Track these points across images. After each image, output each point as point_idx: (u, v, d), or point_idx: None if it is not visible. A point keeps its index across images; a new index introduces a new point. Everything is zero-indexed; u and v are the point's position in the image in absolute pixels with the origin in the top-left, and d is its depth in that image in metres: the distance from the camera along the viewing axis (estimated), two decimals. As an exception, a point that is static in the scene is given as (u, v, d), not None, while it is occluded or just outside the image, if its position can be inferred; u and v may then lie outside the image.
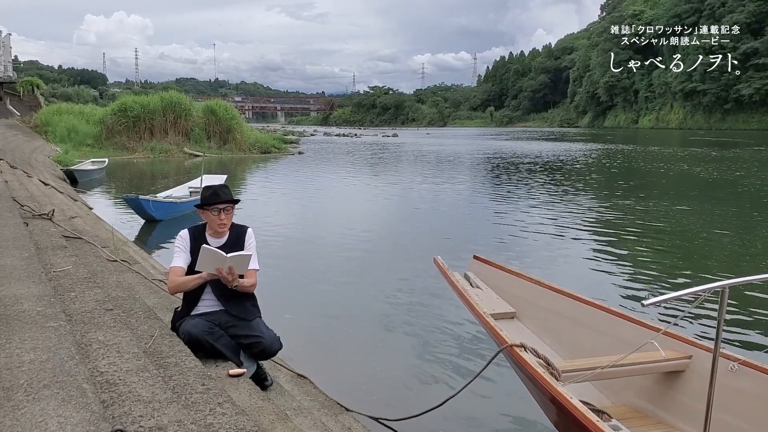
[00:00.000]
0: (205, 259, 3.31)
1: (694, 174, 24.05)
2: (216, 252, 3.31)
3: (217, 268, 3.34)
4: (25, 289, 3.34)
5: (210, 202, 3.49)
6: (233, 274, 3.36)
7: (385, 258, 9.57)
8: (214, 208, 3.49)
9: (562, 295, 4.18)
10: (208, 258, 3.31)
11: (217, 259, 3.31)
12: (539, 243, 10.51)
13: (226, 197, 3.52)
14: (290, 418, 3.12)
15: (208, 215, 3.52)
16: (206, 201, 3.51)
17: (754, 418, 3.00)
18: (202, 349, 3.34)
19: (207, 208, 3.50)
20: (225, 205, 3.51)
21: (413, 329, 6.17)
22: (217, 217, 3.49)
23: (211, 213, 3.50)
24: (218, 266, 3.33)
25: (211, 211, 3.49)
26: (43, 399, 2.05)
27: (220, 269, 3.34)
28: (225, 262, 3.31)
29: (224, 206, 3.51)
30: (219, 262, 3.32)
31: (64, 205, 9.39)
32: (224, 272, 3.34)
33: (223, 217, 3.51)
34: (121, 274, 5.02)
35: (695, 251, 10.16)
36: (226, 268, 3.33)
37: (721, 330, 2.69)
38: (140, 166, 26.41)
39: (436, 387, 4.77)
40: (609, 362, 3.19)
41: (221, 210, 3.50)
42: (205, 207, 3.51)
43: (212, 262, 3.32)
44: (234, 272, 3.36)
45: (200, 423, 2.26)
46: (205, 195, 3.55)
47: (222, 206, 3.50)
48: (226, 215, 3.52)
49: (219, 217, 3.50)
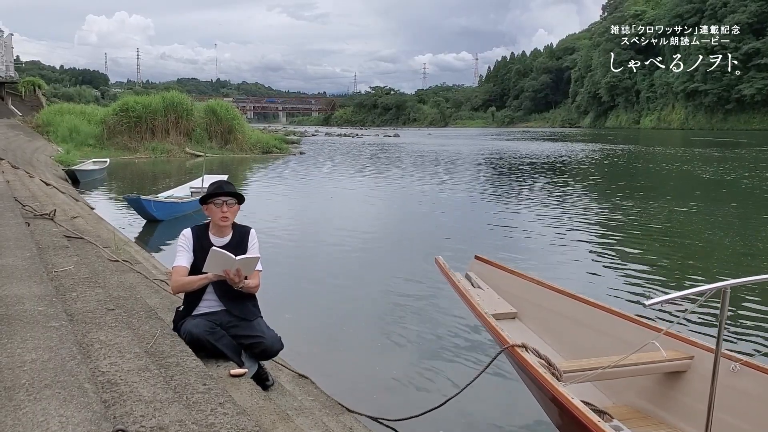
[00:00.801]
0: (213, 261, 3.31)
1: (695, 174, 24.03)
2: (225, 254, 3.31)
3: (225, 270, 3.35)
4: (27, 288, 3.35)
5: (214, 193, 3.52)
6: (240, 276, 3.37)
7: (387, 258, 9.57)
8: (217, 199, 3.50)
9: (564, 295, 4.18)
10: (216, 260, 3.31)
11: (226, 262, 3.32)
12: (541, 243, 10.51)
13: (228, 189, 3.55)
14: (291, 418, 3.12)
15: (211, 209, 3.53)
16: (210, 192, 3.53)
17: (755, 418, 3.00)
18: (203, 349, 3.35)
19: (210, 201, 3.51)
20: (228, 198, 3.52)
21: (414, 329, 6.17)
22: (219, 209, 3.49)
23: (214, 205, 3.51)
24: (226, 268, 3.34)
25: (215, 203, 3.50)
26: (45, 399, 2.05)
27: (227, 271, 3.35)
28: (234, 264, 3.32)
29: (227, 198, 3.51)
30: (228, 264, 3.33)
31: (65, 205, 9.40)
32: (231, 274, 3.35)
33: (225, 210, 3.50)
34: (123, 274, 5.02)
35: (697, 251, 10.15)
36: (234, 270, 3.34)
37: (723, 330, 2.69)
38: (141, 166, 26.43)
39: (437, 387, 4.76)
40: (610, 362, 3.19)
41: (224, 202, 3.50)
42: (209, 200, 3.52)
43: (221, 263, 3.33)
44: (241, 274, 3.37)
45: (201, 423, 2.26)
46: (210, 188, 3.58)
47: (225, 198, 3.51)
48: (228, 208, 3.52)
49: (221, 209, 3.49)
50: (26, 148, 21.57)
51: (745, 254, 9.67)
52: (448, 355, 5.46)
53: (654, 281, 8.02)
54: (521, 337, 3.65)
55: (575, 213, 13.70)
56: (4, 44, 38.44)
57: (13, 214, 5.99)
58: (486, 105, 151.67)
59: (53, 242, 5.12)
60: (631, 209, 14.09)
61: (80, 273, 4.11)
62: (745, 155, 34.57)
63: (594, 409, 2.80)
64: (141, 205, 11.69)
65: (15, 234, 4.91)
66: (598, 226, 12.25)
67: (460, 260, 6.46)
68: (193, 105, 34.52)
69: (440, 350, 5.59)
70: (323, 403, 3.89)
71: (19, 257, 4.07)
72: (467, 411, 4.29)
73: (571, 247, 10.17)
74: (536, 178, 22.17)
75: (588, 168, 27.26)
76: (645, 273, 8.46)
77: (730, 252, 9.87)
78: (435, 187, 19.30)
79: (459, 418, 4.21)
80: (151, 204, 11.80)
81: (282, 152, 35.04)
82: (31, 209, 6.65)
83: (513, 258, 8.73)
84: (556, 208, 14.39)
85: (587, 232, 11.60)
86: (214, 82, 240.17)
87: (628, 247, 10.23)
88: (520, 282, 4.56)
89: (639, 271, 8.58)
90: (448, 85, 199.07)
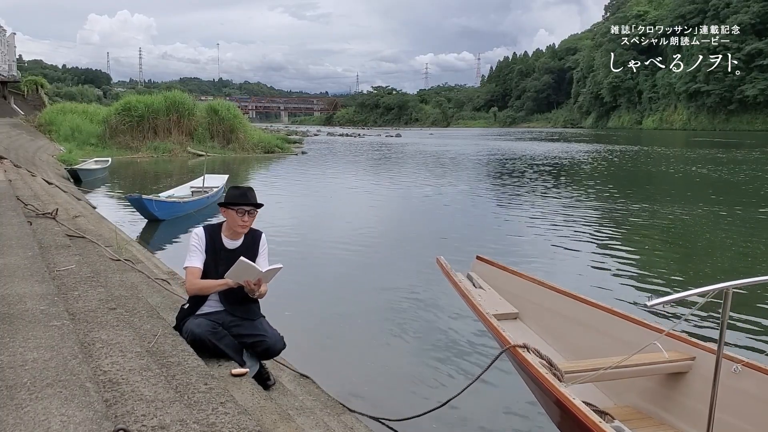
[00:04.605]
0: (239, 270, 3.32)
1: (697, 175, 24.00)
2: (252, 266, 3.32)
3: (246, 279, 3.36)
4: (29, 287, 3.35)
5: (238, 202, 3.51)
6: (260, 285, 3.40)
7: (388, 258, 9.57)
8: (240, 208, 3.50)
9: (565, 295, 4.17)
10: (242, 270, 3.31)
11: (251, 272, 3.33)
12: (542, 243, 10.49)
13: (253, 200, 3.55)
14: (292, 417, 3.13)
15: (231, 215, 3.52)
16: (234, 200, 3.51)
17: (757, 419, 2.99)
18: (205, 349, 3.35)
19: (233, 208, 3.51)
20: (251, 208, 3.53)
21: (416, 329, 6.17)
22: (240, 218, 3.50)
23: (236, 213, 3.50)
24: (249, 279, 3.35)
25: (237, 212, 3.50)
26: (46, 398, 2.05)
27: (248, 281, 3.36)
28: (258, 275, 3.35)
29: (250, 208, 3.52)
30: (252, 275, 3.34)
31: (67, 204, 9.41)
32: (252, 284, 3.36)
33: (246, 219, 3.52)
34: (124, 274, 5.03)
35: (699, 252, 10.14)
36: (255, 280, 3.35)
37: (725, 331, 2.68)
38: (144, 165, 26.45)
39: (439, 387, 4.76)
40: (612, 363, 3.18)
41: (246, 212, 3.51)
42: (231, 206, 3.51)
43: (245, 273, 3.34)
44: (261, 283, 3.40)
45: (203, 422, 2.26)
46: (234, 194, 3.55)
47: (248, 208, 3.51)
48: (250, 217, 3.54)
49: (243, 218, 3.51)
50: (28, 148, 21.59)
51: (747, 255, 9.66)
52: (449, 355, 5.46)
53: (656, 282, 8.01)
54: (522, 337, 3.64)
55: (577, 213, 13.68)
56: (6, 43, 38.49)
57: (15, 213, 6.00)
58: (488, 105, 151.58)
59: (55, 241, 5.12)
60: (633, 210, 14.08)
61: (82, 272, 4.12)
62: (748, 156, 34.51)
63: (595, 410, 2.80)
64: (143, 204, 11.70)
65: (17, 233, 4.92)
66: (599, 226, 12.24)
67: (462, 260, 6.45)
68: (195, 104, 34.54)
69: (442, 350, 5.59)
70: (324, 403, 3.89)
71: (21, 256, 4.08)
72: (468, 411, 4.28)
73: (572, 248, 10.16)
74: (538, 178, 22.15)
75: (590, 169, 27.22)
76: (647, 274, 8.44)
77: (733, 253, 9.85)
78: (437, 187, 19.29)
79: (460, 419, 4.21)
80: (153, 204, 11.82)
81: (284, 152, 35.04)
82: (33, 208, 6.66)
83: (515, 258, 8.72)
84: (557, 209, 14.37)
85: (589, 232, 11.58)
86: (216, 82, 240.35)
87: (630, 248, 10.21)
88: (522, 282, 4.55)
89: (641, 271, 8.57)
90: (450, 85, 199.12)
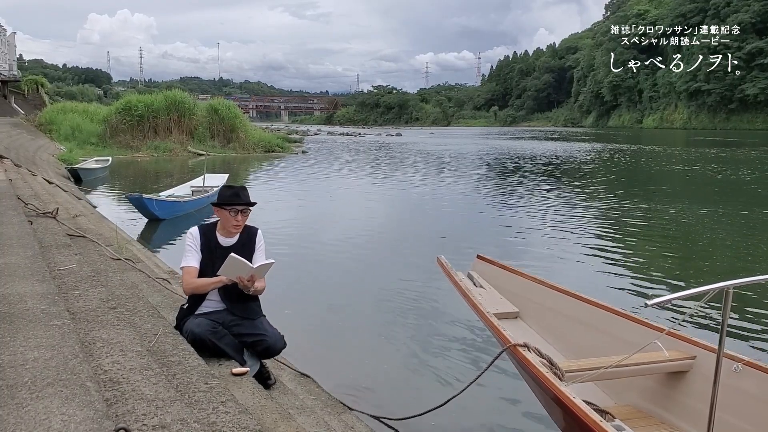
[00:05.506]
0: (230, 267, 3.32)
1: (698, 174, 23.99)
2: (243, 262, 3.32)
3: (239, 275, 3.37)
4: (29, 287, 3.35)
5: (230, 202, 3.51)
6: (253, 281, 3.40)
7: (388, 257, 9.57)
8: (233, 209, 3.50)
9: (566, 295, 4.17)
10: (234, 266, 3.32)
11: (242, 268, 3.33)
12: (543, 242, 10.49)
13: (246, 199, 3.55)
14: (293, 416, 3.13)
15: (224, 214, 3.53)
16: (226, 201, 3.52)
17: (757, 419, 2.99)
18: (205, 349, 3.35)
19: (226, 208, 3.51)
20: (243, 207, 3.53)
21: (416, 328, 6.17)
22: (233, 218, 3.51)
23: (229, 213, 3.51)
24: (242, 275, 3.36)
25: (230, 212, 3.51)
26: (47, 397, 2.05)
27: (241, 277, 3.37)
28: (250, 271, 3.35)
29: (242, 208, 3.53)
30: (244, 271, 3.35)
31: (68, 204, 9.41)
32: (245, 280, 3.37)
33: (239, 219, 3.53)
34: (125, 273, 5.03)
35: (700, 251, 10.14)
36: (247, 276, 3.36)
37: (725, 330, 2.68)
38: (144, 164, 26.45)
39: (439, 386, 4.76)
40: (612, 362, 3.18)
41: (239, 212, 3.52)
42: (224, 206, 3.52)
43: (237, 269, 3.34)
44: (254, 279, 3.40)
45: (203, 422, 2.26)
46: (226, 194, 3.55)
47: (241, 208, 3.52)
48: (243, 217, 3.55)
49: (236, 218, 3.51)
50: (29, 147, 21.59)
51: (748, 254, 9.65)
52: (450, 355, 5.46)
53: (656, 281, 8.00)
54: (523, 336, 3.64)
55: (577, 213, 13.68)
56: (7, 43, 38.50)
57: (16, 212, 6.00)
58: (488, 104, 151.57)
59: (55, 241, 5.12)
60: (634, 209, 14.07)
61: (82, 271, 4.11)
62: (748, 155, 34.49)
63: (596, 409, 2.80)
64: (143, 203, 11.71)
65: (17, 232, 4.92)
66: (600, 225, 12.24)
67: (462, 260, 6.45)
68: (195, 104, 34.55)
69: (442, 349, 5.59)
70: (325, 402, 3.90)
71: (22, 256, 4.08)
72: (469, 410, 4.28)
73: (573, 247, 10.16)
74: (539, 177, 22.14)
75: (590, 168, 27.22)
76: (647, 273, 8.44)
77: (733, 252, 9.85)
78: (437, 187, 19.29)
79: (461, 418, 4.21)
80: (153, 203, 11.82)
81: (284, 151, 35.05)
82: (34, 208, 6.66)
83: (515, 257, 8.72)
84: (558, 208, 14.37)
85: (589, 231, 11.58)
86: (216, 81, 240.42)
87: (630, 247, 10.21)
88: (523, 281, 4.55)
89: (641, 270, 8.57)
90: (451, 84, 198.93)
